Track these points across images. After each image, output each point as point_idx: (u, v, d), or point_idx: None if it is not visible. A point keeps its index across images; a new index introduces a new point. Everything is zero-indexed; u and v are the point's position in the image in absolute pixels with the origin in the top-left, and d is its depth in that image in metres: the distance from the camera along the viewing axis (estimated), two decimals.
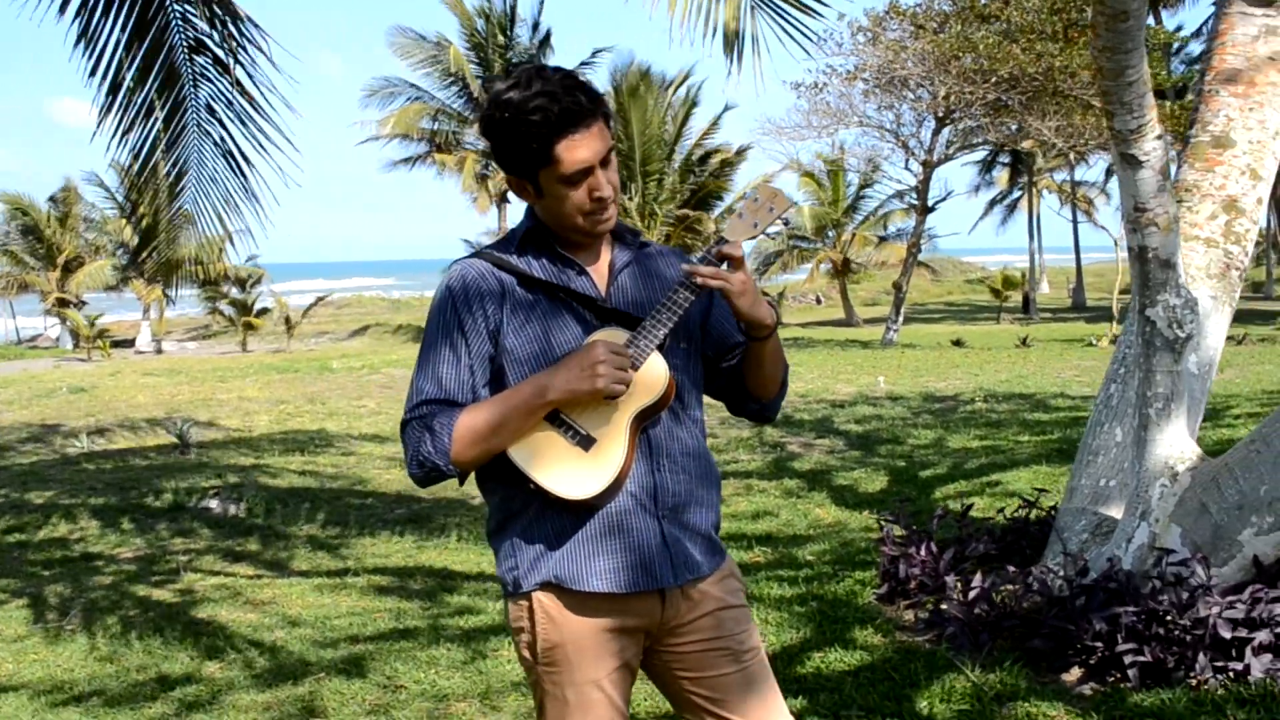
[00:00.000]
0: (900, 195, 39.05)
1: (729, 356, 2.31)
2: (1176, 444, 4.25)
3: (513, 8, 33.83)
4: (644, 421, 2.11)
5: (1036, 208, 46.75)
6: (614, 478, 2.05)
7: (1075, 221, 46.99)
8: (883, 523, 5.46)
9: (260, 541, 7.39)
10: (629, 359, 2.04)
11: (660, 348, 2.09)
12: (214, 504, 8.41)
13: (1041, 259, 47.45)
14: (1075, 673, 4.01)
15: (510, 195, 34.45)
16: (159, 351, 36.05)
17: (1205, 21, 33.39)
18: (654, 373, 2.09)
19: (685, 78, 33.34)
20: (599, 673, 2.10)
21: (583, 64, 34.75)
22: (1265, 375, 14.24)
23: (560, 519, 2.09)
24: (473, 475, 2.18)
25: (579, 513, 2.08)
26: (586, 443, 2.05)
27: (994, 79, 21.18)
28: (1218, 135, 4.88)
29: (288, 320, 33.90)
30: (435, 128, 34.77)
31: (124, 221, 37.39)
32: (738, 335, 2.28)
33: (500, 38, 33.89)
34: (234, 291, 38.97)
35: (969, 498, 7.31)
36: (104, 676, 4.79)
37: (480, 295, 2.12)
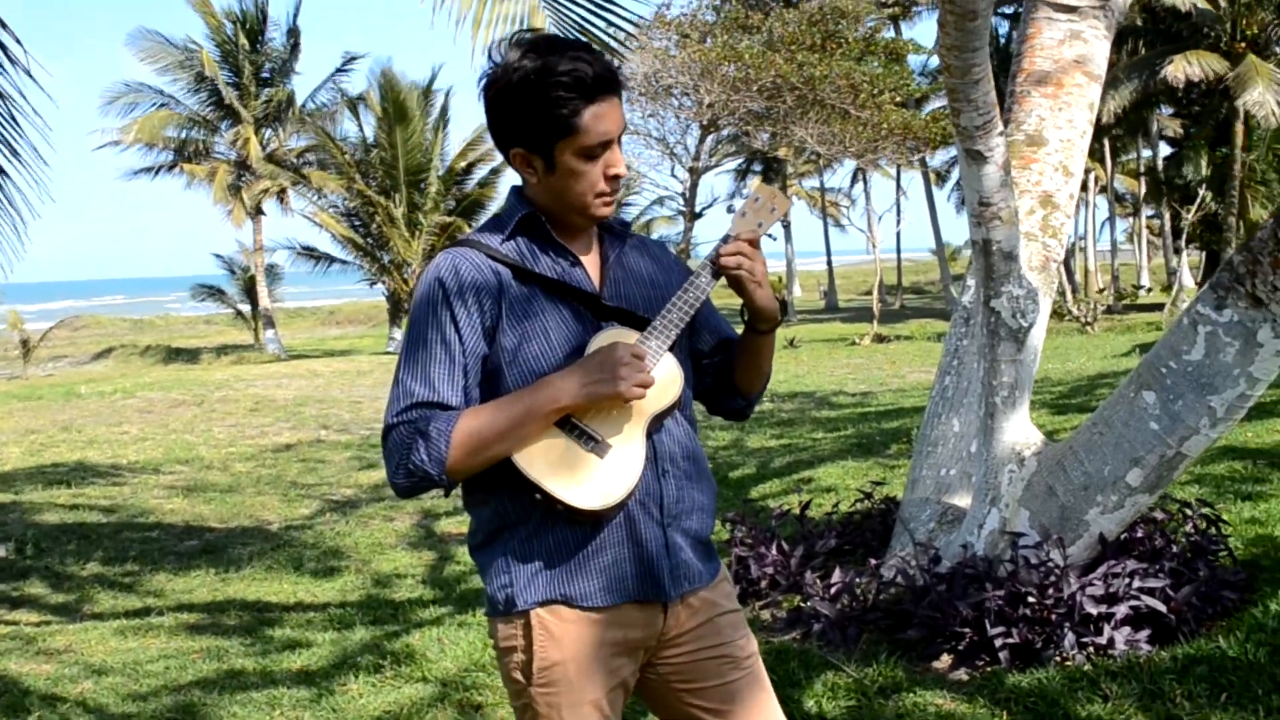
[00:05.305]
0: (661, 201, 39.82)
1: (714, 354, 2.20)
2: (1022, 430, 4.40)
3: (264, 10, 32.38)
4: (654, 425, 1.96)
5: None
6: (633, 484, 1.90)
7: (826, 225, 49.15)
8: (728, 524, 5.43)
9: (39, 584, 6.70)
10: (647, 361, 1.90)
11: (671, 347, 1.96)
12: None
13: (794, 263, 49.28)
14: (946, 660, 4.07)
15: (265, 208, 32.54)
16: None
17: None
18: (669, 374, 1.96)
19: (432, 82, 32.48)
20: (598, 692, 1.94)
21: (338, 70, 33.64)
22: None
23: (563, 531, 1.92)
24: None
25: (584, 524, 1.91)
26: (602, 449, 1.89)
27: (757, 87, 21.84)
28: (1031, 134, 5.10)
29: (25, 344, 31.21)
30: (184, 136, 32.86)
31: None
32: (726, 332, 2.20)
33: (251, 41, 32.39)
34: None
35: (785, 496, 7.42)
36: None
37: (475, 289, 1.91)
